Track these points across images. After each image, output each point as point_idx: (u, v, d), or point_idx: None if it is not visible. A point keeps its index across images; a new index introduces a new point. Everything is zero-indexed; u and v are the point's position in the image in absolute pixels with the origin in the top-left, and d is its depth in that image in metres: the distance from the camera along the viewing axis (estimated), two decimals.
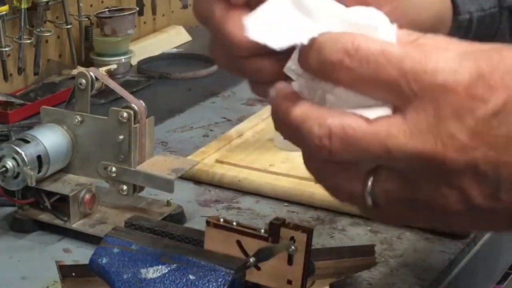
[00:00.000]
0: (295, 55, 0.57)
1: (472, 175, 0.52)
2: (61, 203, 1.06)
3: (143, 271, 0.77)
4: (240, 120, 1.42)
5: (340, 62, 0.54)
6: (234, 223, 0.75)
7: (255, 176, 1.18)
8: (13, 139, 1.06)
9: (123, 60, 1.65)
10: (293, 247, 0.73)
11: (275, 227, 0.74)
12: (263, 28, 0.56)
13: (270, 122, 0.76)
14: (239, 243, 0.75)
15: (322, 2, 0.56)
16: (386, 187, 0.55)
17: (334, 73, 0.55)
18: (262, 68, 0.62)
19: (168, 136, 1.37)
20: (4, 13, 1.45)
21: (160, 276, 0.76)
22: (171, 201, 1.09)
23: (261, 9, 0.57)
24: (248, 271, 0.76)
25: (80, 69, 1.45)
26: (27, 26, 1.52)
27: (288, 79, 0.58)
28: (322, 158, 0.55)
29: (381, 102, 0.54)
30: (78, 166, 1.07)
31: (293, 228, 0.73)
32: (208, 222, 0.77)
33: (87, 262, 0.82)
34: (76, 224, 1.05)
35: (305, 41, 0.55)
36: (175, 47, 1.84)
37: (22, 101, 1.44)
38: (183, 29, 1.90)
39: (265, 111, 1.41)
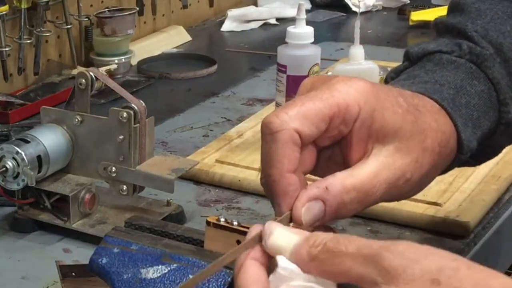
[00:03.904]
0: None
1: None
2: (61, 203, 1.06)
3: (143, 271, 0.77)
4: (240, 120, 1.42)
5: None
6: (234, 223, 0.75)
7: (255, 176, 1.18)
8: (13, 139, 1.06)
9: (123, 60, 1.65)
10: None
11: None
12: None
13: None
14: (239, 243, 0.75)
15: None
16: None
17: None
18: None
19: (168, 136, 1.37)
20: (4, 13, 1.45)
21: (160, 276, 0.76)
22: (171, 201, 1.09)
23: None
24: None
25: (80, 69, 1.45)
26: (27, 26, 1.52)
27: None
28: None
29: None
30: (78, 166, 1.07)
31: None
32: (208, 222, 0.77)
33: (87, 262, 0.82)
34: (76, 224, 1.05)
35: None
36: (175, 47, 1.84)
37: (22, 101, 1.44)
38: (183, 29, 1.90)
39: (265, 111, 1.41)
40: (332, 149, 0.74)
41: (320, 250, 0.59)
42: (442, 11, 1.23)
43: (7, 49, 1.48)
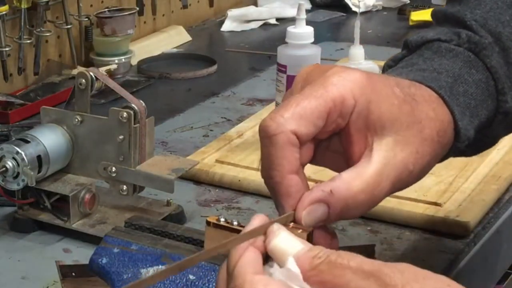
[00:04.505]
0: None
1: None
2: (61, 203, 1.06)
3: (143, 271, 0.77)
4: (240, 120, 1.42)
5: None
6: (234, 223, 0.75)
7: (255, 176, 1.17)
8: (13, 139, 1.06)
9: (123, 60, 1.65)
10: None
11: None
12: None
13: None
14: None
15: None
16: None
17: None
18: None
19: (168, 136, 1.37)
20: (4, 13, 1.45)
21: None
22: (171, 201, 1.09)
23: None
24: None
25: (80, 69, 1.45)
26: (27, 26, 1.52)
27: None
28: None
29: None
30: (78, 166, 1.07)
31: (293, 228, 0.73)
32: (208, 222, 0.77)
33: (87, 262, 0.82)
34: (76, 224, 1.05)
35: None
36: (175, 47, 1.84)
37: (22, 101, 1.44)
38: (183, 29, 1.90)
39: (265, 111, 1.41)
40: (330, 138, 0.74)
41: (323, 261, 0.59)
42: None
43: (7, 49, 1.48)
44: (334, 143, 0.74)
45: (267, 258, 0.64)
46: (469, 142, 0.79)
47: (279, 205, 0.71)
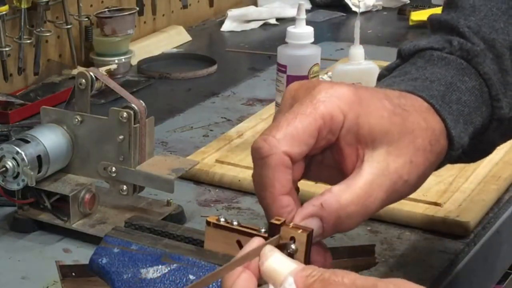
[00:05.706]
0: None
1: None
2: (61, 203, 1.06)
3: (143, 271, 0.77)
4: (240, 120, 1.42)
5: None
6: (234, 223, 0.75)
7: None
8: (13, 139, 1.06)
9: (123, 60, 1.65)
10: (293, 247, 0.73)
11: (275, 227, 0.73)
12: None
13: (270, 122, 0.76)
14: (239, 243, 0.75)
15: None
16: None
17: None
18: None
19: (168, 136, 1.37)
20: (4, 13, 1.45)
21: (160, 276, 0.76)
22: (171, 201, 1.09)
23: None
24: None
25: (80, 69, 1.45)
26: (27, 26, 1.52)
27: None
28: None
29: None
30: (78, 166, 1.07)
31: (293, 228, 0.73)
32: (208, 222, 0.77)
33: (87, 262, 0.82)
34: (76, 224, 1.05)
35: None
36: (175, 47, 1.84)
37: (22, 101, 1.44)
38: (183, 29, 1.90)
39: (265, 111, 1.41)
40: (323, 153, 0.74)
41: (316, 279, 0.60)
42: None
43: (7, 49, 1.48)
44: (328, 158, 0.74)
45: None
46: (463, 150, 0.79)
47: None
